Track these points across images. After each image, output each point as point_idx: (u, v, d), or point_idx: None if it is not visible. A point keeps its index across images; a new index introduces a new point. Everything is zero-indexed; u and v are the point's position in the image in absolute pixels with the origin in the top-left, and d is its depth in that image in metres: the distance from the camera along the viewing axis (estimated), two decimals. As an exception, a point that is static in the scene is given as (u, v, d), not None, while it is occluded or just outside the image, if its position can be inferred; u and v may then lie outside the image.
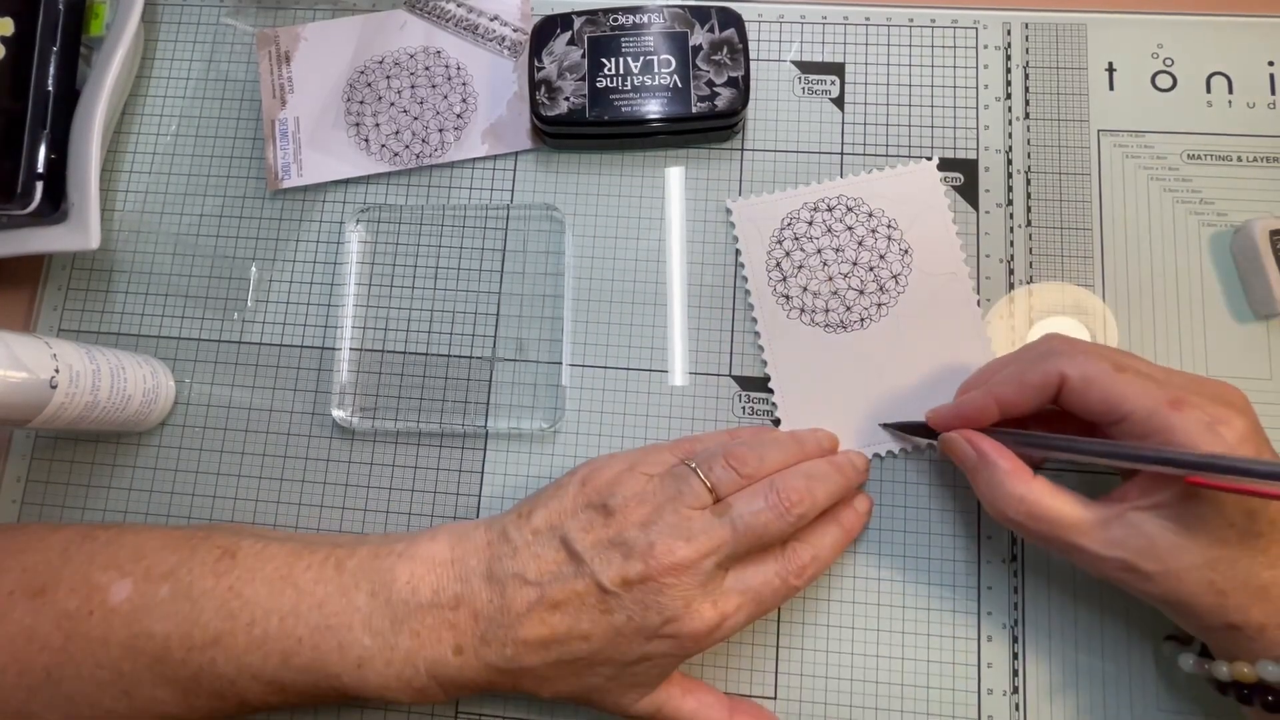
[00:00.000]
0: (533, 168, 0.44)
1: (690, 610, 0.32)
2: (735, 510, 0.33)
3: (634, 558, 0.32)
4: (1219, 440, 0.29)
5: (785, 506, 0.33)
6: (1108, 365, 0.31)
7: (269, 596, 0.33)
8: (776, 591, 0.33)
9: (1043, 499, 0.32)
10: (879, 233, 0.41)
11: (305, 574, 0.33)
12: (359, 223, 0.44)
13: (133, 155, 0.46)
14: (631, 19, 0.42)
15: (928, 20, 0.44)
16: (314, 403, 0.42)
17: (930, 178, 0.42)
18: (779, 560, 0.34)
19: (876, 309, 0.40)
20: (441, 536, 0.35)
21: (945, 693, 0.37)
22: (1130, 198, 0.41)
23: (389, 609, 0.33)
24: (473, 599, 0.33)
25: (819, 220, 0.42)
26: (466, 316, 0.43)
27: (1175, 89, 0.43)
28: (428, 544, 0.34)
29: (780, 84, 0.44)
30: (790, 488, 0.33)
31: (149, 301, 0.44)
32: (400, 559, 0.34)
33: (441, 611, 0.33)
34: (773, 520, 0.33)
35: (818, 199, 0.42)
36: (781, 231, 0.42)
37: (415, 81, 0.45)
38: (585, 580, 0.32)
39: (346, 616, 0.33)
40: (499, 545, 0.34)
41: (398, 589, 0.33)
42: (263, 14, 0.47)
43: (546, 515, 0.34)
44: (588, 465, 0.36)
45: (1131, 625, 0.37)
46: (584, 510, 0.34)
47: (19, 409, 0.34)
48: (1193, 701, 0.36)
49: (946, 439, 0.36)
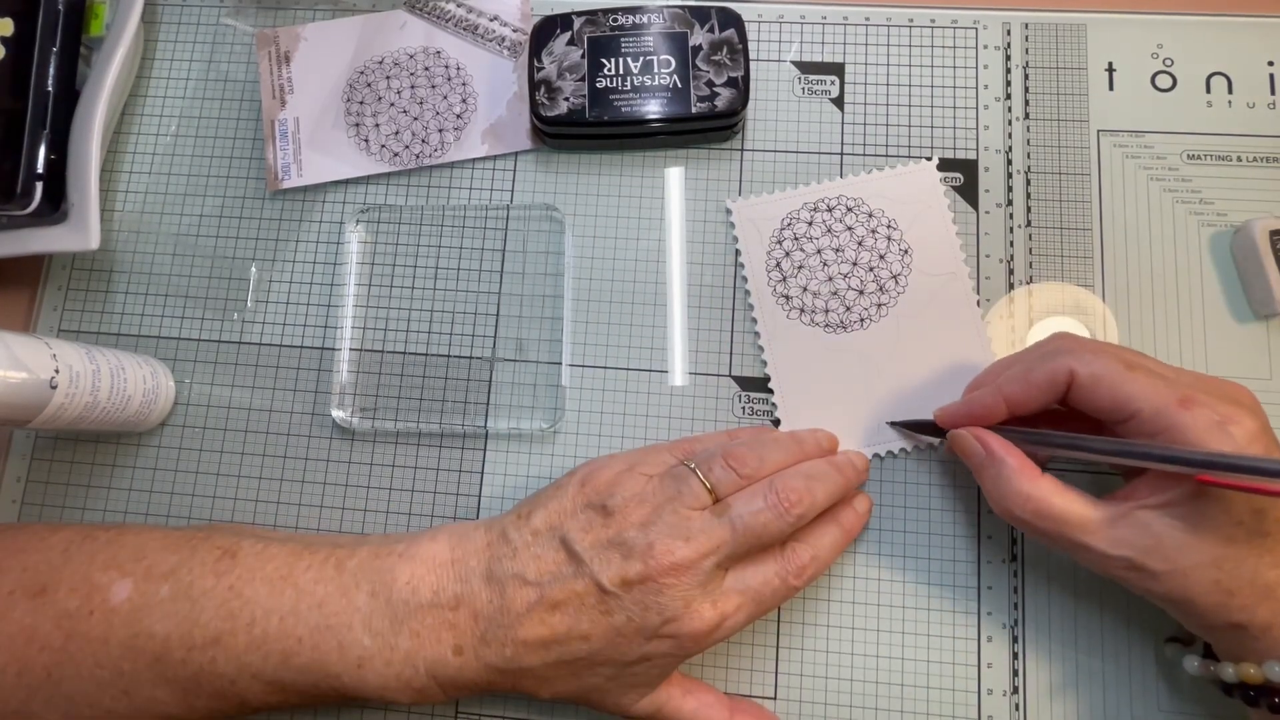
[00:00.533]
0: (533, 168, 0.44)
1: (690, 610, 0.32)
2: (734, 510, 0.33)
3: (633, 558, 0.32)
4: (1228, 439, 0.29)
5: (785, 506, 0.33)
6: (1117, 363, 0.31)
7: (269, 596, 0.33)
8: (776, 591, 0.33)
9: (1050, 497, 0.32)
10: (879, 233, 0.41)
11: (305, 574, 0.33)
12: (359, 223, 0.44)
13: (133, 155, 0.46)
14: (631, 19, 0.42)
15: (927, 20, 0.44)
16: (314, 403, 0.42)
17: (930, 178, 0.42)
18: (778, 560, 0.34)
19: (876, 309, 0.40)
20: (442, 537, 0.35)
21: (945, 693, 0.37)
22: (1130, 198, 0.41)
23: (389, 609, 0.33)
24: (473, 599, 0.33)
25: (819, 220, 0.42)
26: (466, 316, 0.43)
27: (1175, 89, 0.43)
28: (428, 544, 0.34)
29: (780, 84, 0.44)
30: (789, 488, 0.33)
31: (149, 302, 0.44)
32: (400, 559, 0.34)
33: (441, 612, 0.33)
34: (772, 520, 0.33)
35: (818, 199, 0.42)
36: (781, 232, 0.42)
37: (415, 82, 0.45)
38: (585, 581, 0.32)
39: (346, 616, 0.33)
40: (499, 546, 0.34)
41: (398, 589, 0.33)
42: (263, 14, 0.47)
43: (546, 516, 0.34)
44: (587, 466, 0.36)
45: (1132, 626, 0.37)
46: (583, 511, 0.34)
47: (19, 409, 0.34)
48: (1194, 702, 0.36)
49: (955, 435, 0.36)
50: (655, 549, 0.32)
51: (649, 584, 0.31)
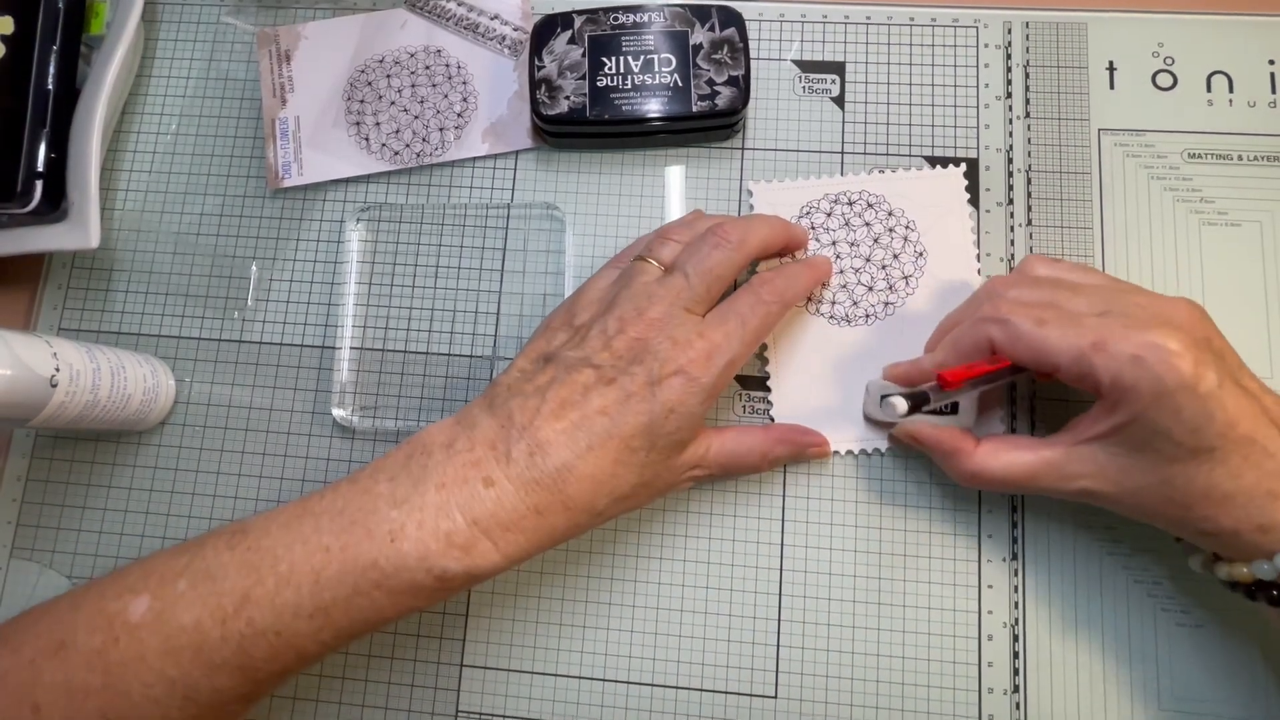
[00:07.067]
0: (533, 167, 0.44)
1: (680, 345, 0.33)
2: (684, 263, 0.35)
3: (612, 332, 0.34)
4: (1145, 372, 0.29)
5: (723, 237, 0.35)
6: (1028, 321, 0.32)
7: (287, 533, 0.32)
8: (754, 309, 0.35)
9: (990, 466, 0.34)
10: (896, 232, 0.41)
11: (319, 502, 0.33)
12: (359, 222, 0.44)
13: (133, 155, 0.46)
14: (632, 18, 0.42)
15: (928, 19, 0.44)
16: (314, 402, 0.42)
17: (955, 184, 0.42)
18: (747, 288, 0.36)
19: (883, 307, 0.40)
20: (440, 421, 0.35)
21: (945, 692, 0.37)
22: (1131, 197, 0.41)
23: (409, 476, 0.32)
24: (485, 432, 0.33)
25: (838, 212, 0.42)
26: (467, 316, 0.43)
27: (1176, 88, 0.43)
28: (430, 427, 0.34)
29: (781, 83, 0.44)
30: (726, 227, 0.36)
31: (149, 301, 0.44)
32: (410, 443, 0.34)
33: (459, 455, 0.32)
34: (716, 253, 0.35)
35: (839, 191, 0.42)
36: (799, 220, 0.42)
37: (416, 81, 0.45)
38: (579, 369, 0.33)
39: (369, 504, 0.32)
40: (492, 391, 0.35)
41: (414, 460, 0.33)
42: (263, 13, 0.47)
43: (526, 355, 0.36)
44: None
45: (1132, 625, 0.37)
46: (557, 334, 0.36)
47: (19, 408, 0.34)
48: (1195, 700, 0.36)
49: (894, 435, 0.38)
50: (626, 317, 0.34)
51: (635, 344, 0.33)
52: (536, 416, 0.33)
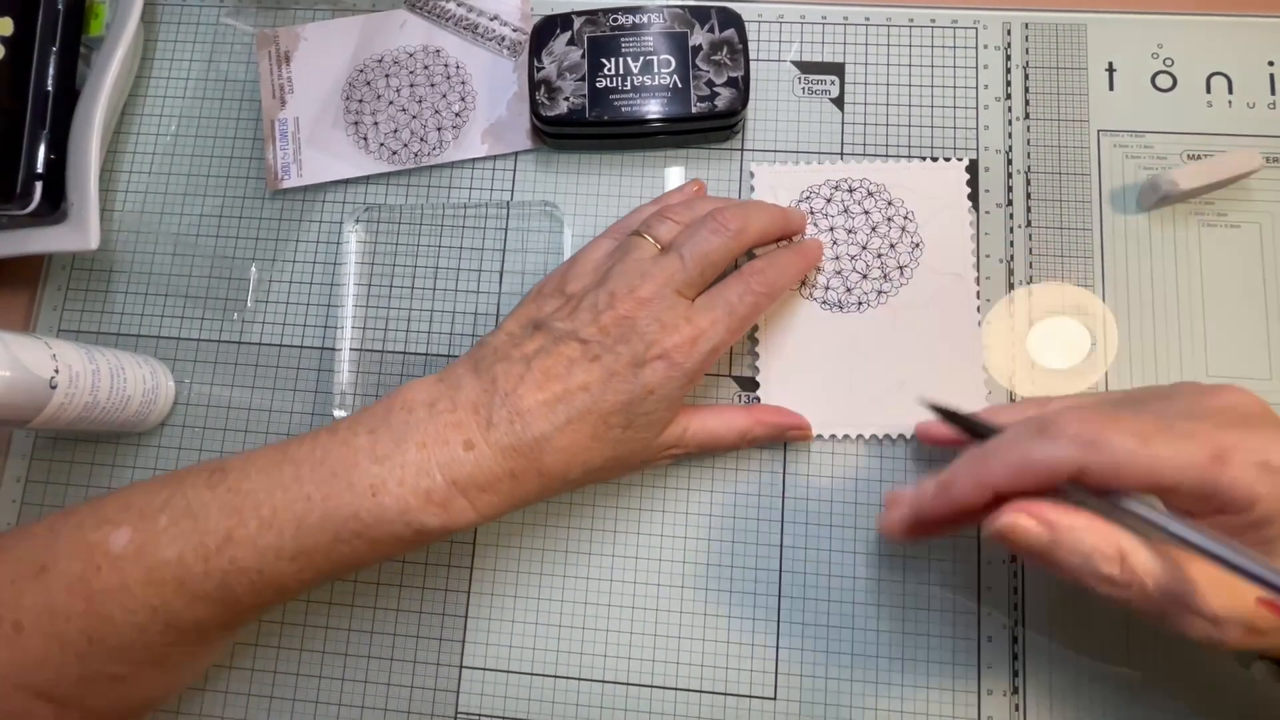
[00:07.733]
0: (532, 168, 0.44)
1: (666, 329, 0.33)
2: (680, 245, 0.35)
3: (602, 307, 0.34)
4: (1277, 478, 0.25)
5: (721, 224, 0.35)
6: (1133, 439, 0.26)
7: (267, 478, 0.32)
8: (743, 298, 0.35)
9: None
10: (894, 222, 0.41)
11: (299, 449, 0.33)
12: (359, 223, 0.44)
13: (133, 155, 0.46)
14: (631, 19, 0.42)
15: (928, 20, 0.44)
16: (314, 403, 0.42)
17: (957, 178, 0.42)
18: (737, 276, 0.36)
19: (876, 296, 0.41)
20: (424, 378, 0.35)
21: (945, 693, 0.37)
22: (1130, 197, 0.41)
23: (390, 432, 0.33)
24: (468, 395, 0.33)
25: (838, 199, 0.42)
26: (466, 316, 0.43)
27: (1175, 89, 0.43)
28: (414, 384, 0.35)
29: (780, 84, 0.44)
30: (725, 213, 0.36)
31: (149, 301, 0.44)
32: (392, 398, 0.34)
33: (441, 416, 0.33)
34: (714, 239, 0.35)
35: (840, 178, 0.42)
36: (799, 203, 0.42)
37: (415, 81, 0.45)
38: (566, 342, 0.34)
39: (350, 456, 0.32)
40: (479, 351, 0.35)
41: (395, 416, 0.33)
42: (263, 14, 0.47)
43: (515, 318, 0.36)
44: None
45: (1132, 625, 0.37)
46: (548, 300, 0.36)
47: (19, 409, 0.34)
48: (1195, 702, 0.36)
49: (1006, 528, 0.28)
50: (618, 293, 0.34)
51: (623, 322, 0.33)
52: (520, 384, 0.33)
